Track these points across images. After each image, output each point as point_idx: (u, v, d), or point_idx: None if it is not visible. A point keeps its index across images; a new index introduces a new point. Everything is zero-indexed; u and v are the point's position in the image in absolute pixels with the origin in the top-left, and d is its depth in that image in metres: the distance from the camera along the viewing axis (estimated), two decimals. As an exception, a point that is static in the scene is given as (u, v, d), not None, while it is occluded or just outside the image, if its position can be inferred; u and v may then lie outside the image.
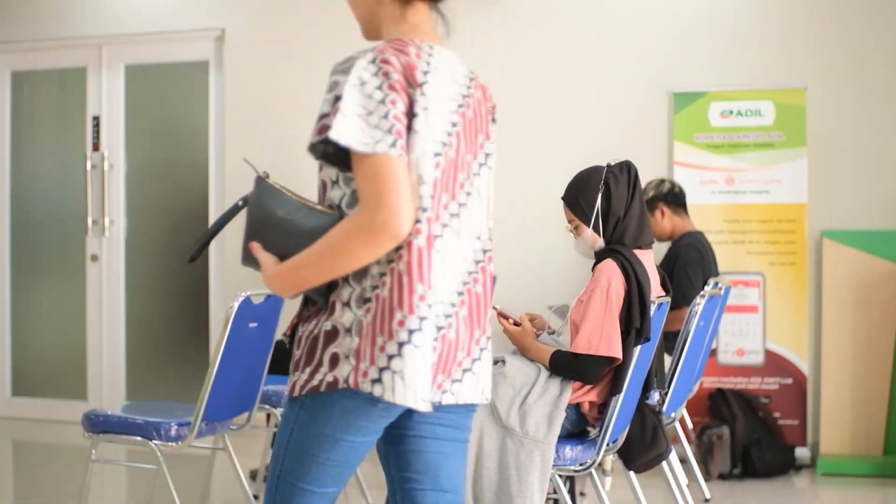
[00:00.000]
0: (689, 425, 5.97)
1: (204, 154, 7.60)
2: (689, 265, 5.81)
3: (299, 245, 2.41)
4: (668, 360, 4.70)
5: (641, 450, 4.06)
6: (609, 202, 3.87)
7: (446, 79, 2.47)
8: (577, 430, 3.91)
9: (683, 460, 5.55)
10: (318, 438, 2.45)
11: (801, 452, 6.40)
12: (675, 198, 6.07)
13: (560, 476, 3.88)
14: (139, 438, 4.27)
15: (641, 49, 6.83)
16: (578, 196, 3.92)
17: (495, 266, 2.71)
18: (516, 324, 3.98)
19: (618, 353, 3.72)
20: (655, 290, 3.94)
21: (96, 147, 7.77)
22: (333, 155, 2.38)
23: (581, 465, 3.84)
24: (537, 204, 6.85)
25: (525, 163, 6.96)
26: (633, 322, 3.73)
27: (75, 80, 7.89)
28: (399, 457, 2.61)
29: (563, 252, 6.56)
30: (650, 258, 3.99)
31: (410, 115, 2.37)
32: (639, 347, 3.77)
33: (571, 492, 4.46)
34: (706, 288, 5.00)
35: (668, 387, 4.53)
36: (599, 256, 3.90)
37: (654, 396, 4.24)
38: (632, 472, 4.22)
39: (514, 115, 7.00)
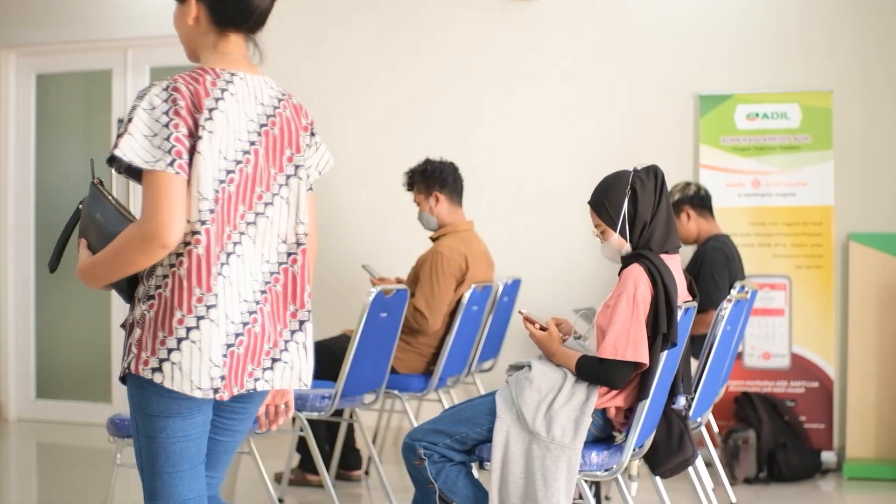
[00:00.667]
0: (715, 429, 5.94)
1: (228, 156, 7.60)
2: (716, 268, 5.79)
3: (105, 245, 2.68)
4: (694, 363, 4.67)
5: (668, 455, 4.05)
6: (636, 207, 3.85)
7: (247, 102, 2.79)
8: (604, 435, 3.89)
9: (709, 464, 5.52)
10: (148, 420, 2.71)
11: (828, 456, 6.37)
12: (700, 201, 6.06)
13: (586, 481, 3.86)
14: (164, 442, 4.27)
15: (667, 52, 6.81)
16: (605, 200, 3.90)
17: (521, 270, 2.72)
18: (542, 328, 3.97)
19: (644, 358, 3.70)
20: (682, 295, 3.92)
21: (121, 150, 7.77)
22: (134, 170, 2.64)
23: (607, 470, 3.82)
24: (563, 207, 6.84)
25: (551, 166, 6.95)
26: (660, 327, 3.72)
27: (100, 83, 7.92)
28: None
29: (589, 256, 6.55)
30: (677, 263, 3.97)
31: (196, 137, 2.63)
32: (665, 352, 3.76)
33: (597, 497, 4.45)
34: (732, 291, 4.98)
35: (695, 392, 4.50)
36: (626, 261, 3.89)
37: (681, 401, 4.21)
38: (658, 478, 4.20)
39: (539, 118, 7.00)
